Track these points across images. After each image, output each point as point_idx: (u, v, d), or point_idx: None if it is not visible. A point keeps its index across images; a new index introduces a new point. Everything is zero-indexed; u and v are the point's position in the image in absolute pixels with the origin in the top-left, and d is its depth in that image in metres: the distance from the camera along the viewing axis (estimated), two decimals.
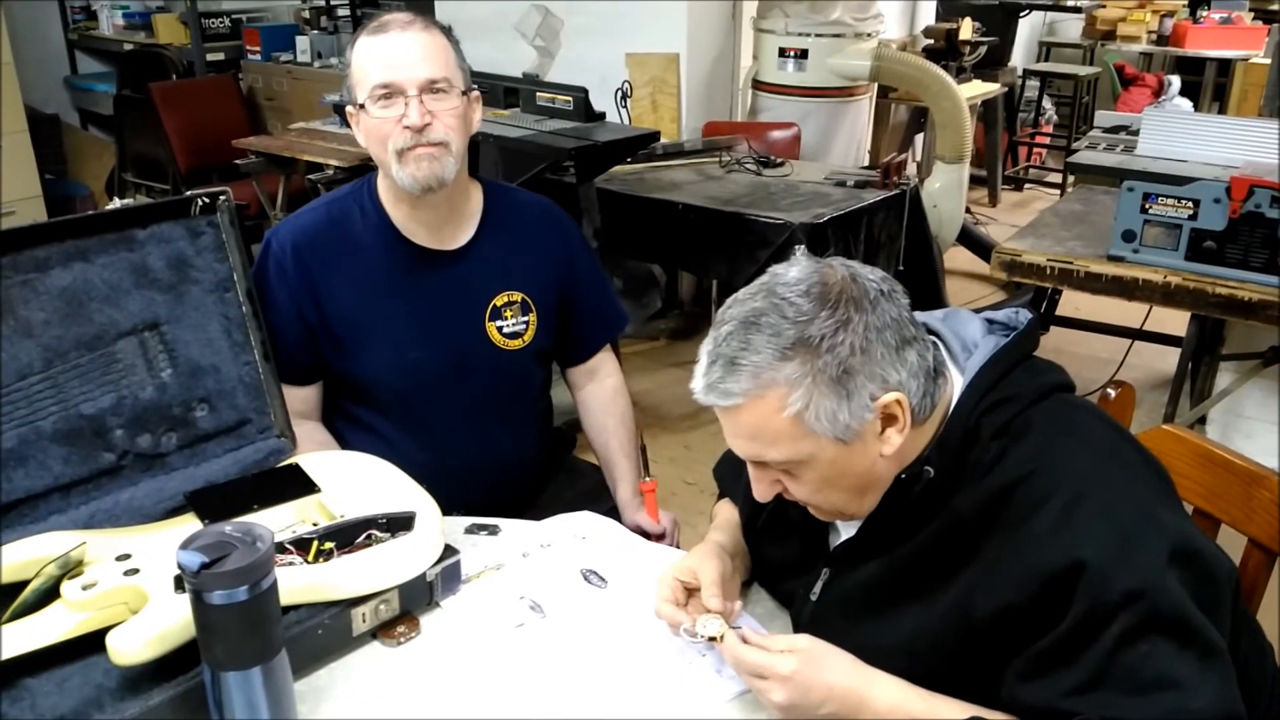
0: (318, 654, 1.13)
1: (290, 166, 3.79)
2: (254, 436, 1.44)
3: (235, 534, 0.94)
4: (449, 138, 1.48)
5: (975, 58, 5.13)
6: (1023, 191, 6.34)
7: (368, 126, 1.49)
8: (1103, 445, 0.99)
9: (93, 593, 1.08)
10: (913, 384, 0.97)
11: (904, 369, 0.97)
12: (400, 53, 1.46)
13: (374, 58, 1.47)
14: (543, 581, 1.28)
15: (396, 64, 1.45)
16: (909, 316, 0.99)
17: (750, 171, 3.44)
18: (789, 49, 4.20)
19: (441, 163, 1.48)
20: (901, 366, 0.96)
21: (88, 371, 1.30)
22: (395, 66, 1.45)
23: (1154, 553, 0.90)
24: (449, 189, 1.52)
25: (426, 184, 1.48)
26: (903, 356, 0.97)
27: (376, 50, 1.47)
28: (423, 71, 1.46)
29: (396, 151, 1.47)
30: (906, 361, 0.97)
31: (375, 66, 1.46)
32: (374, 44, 1.47)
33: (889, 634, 1.03)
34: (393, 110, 1.46)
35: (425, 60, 1.46)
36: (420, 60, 1.46)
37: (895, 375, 0.96)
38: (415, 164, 1.47)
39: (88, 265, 1.30)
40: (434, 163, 1.48)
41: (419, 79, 1.45)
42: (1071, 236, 2.64)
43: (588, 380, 1.76)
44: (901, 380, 0.96)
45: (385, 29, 1.47)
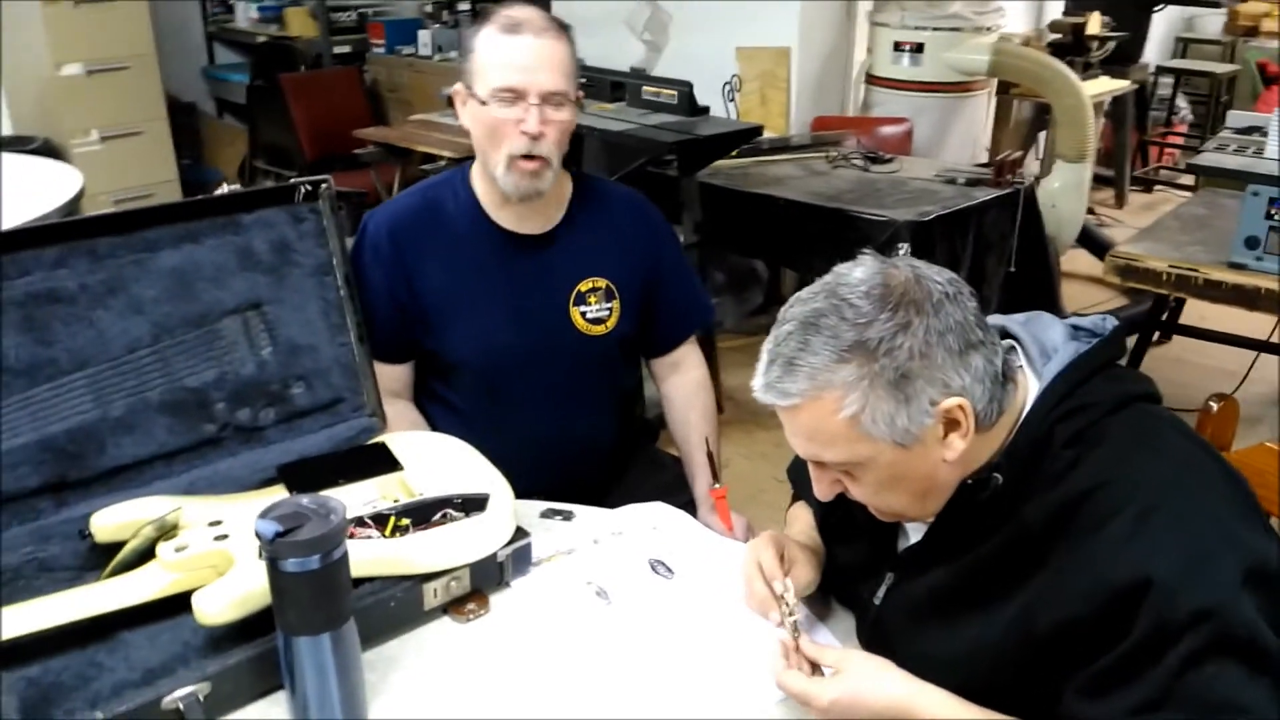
0: (389, 625, 1.17)
1: (406, 157, 3.91)
2: (347, 414, 1.50)
3: (311, 506, 0.99)
4: (553, 153, 1.53)
5: (1103, 53, 4.93)
6: (1152, 193, 6.07)
7: (480, 117, 1.53)
8: (1179, 458, 0.95)
9: (185, 555, 1.15)
10: (977, 389, 0.95)
11: (968, 373, 0.95)
12: (530, 58, 1.48)
13: (504, 57, 1.49)
14: (611, 569, 1.30)
15: (525, 68, 1.48)
16: (976, 320, 0.97)
17: (857, 167, 3.39)
18: (904, 43, 4.12)
19: (542, 177, 1.53)
20: (965, 371, 0.95)
21: (193, 347, 1.37)
22: (524, 70, 1.48)
23: (1227, 572, 0.87)
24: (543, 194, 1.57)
25: (526, 195, 1.55)
26: (966, 361, 0.95)
27: (508, 50, 1.49)
28: (548, 82, 1.48)
29: (509, 156, 1.51)
30: (971, 366, 0.95)
31: (504, 66, 1.48)
32: (508, 43, 1.49)
33: (950, 643, 1.02)
34: (512, 112, 1.49)
35: (552, 70, 1.49)
36: (548, 69, 1.49)
37: (958, 380, 0.94)
38: (519, 176, 1.52)
39: (196, 247, 1.38)
40: (535, 178, 1.53)
41: (544, 88, 1.48)
42: (1192, 242, 2.54)
43: (671, 372, 1.78)
44: (965, 385, 0.95)
45: (520, 30, 1.49)
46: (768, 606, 1.16)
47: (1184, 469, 0.94)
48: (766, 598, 1.16)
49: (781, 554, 1.19)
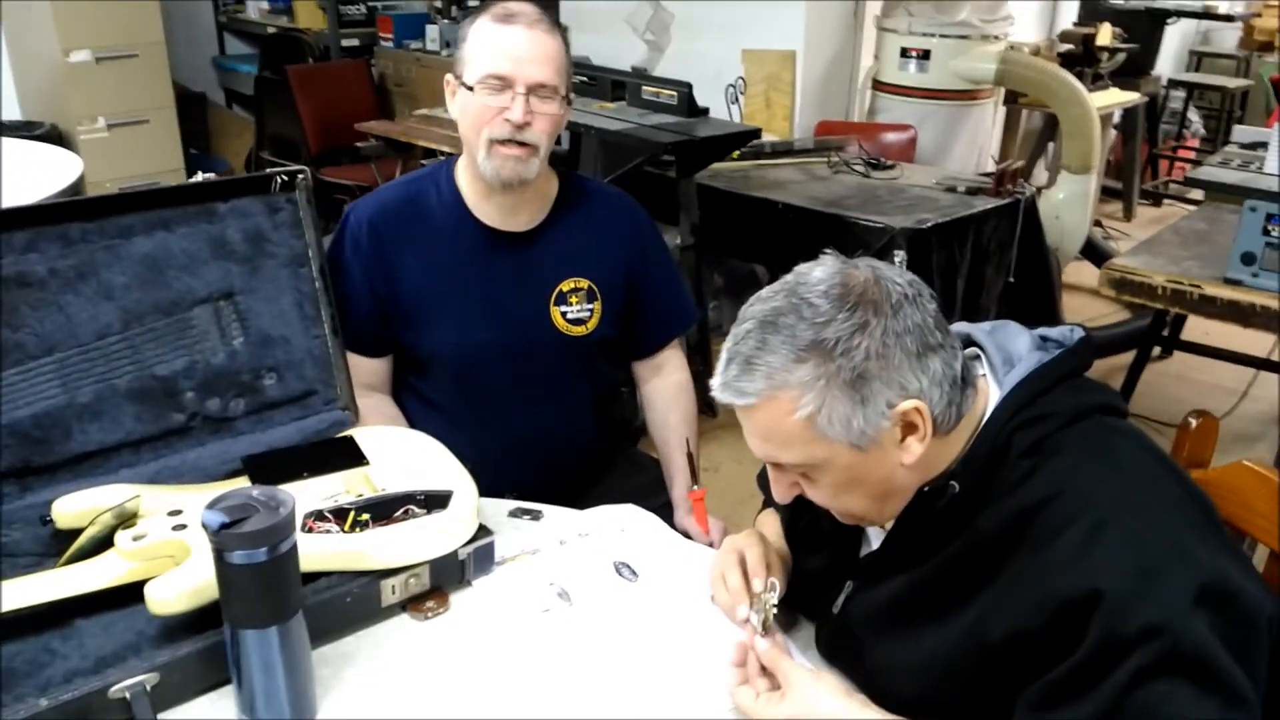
0: (345, 621, 1.16)
1: (408, 151, 3.91)
2: (319, 407, 1.49)
3: (260, 497, 0.98)
4: (540, 141, 1.52)
5: (1113, 65, 4.91)
6: (1161, 207, 6.03)
7: (467, 105, 1.52)
8: (1136, 472, 0.94)
9: (142, 543, 1.14)
10: (935, 392, 0.94)
11: (925, 376, 0.94)
12: (521, 48, 1.48)
13: (495, 45, 1.49)
14: (575, 570, 1.29)
15: (515, 57, 1.48)
16: (935, 322, 0.96)
17: (858, 173, 3.37)
18: (911, 49, 4.11)
19: (527, 164, 1.52)
20: (923, 374, 0.93)
21: (163, 335, 1.37)
22: (513, 59, 1.48)
23: (1179, 588, 0.85)
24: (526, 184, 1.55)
25: (508, 181, 1.53)
26: (924, 364, 0.94)
27: (500, 39, 1.49)
28: (537, 73, 1.48)
29: (489, 140, 1.50)
30: (929, 369, 0.94)
31: (494, 54, 1.49)
32: (498, 32, 1.49)
33: (905, 653, 1.01)
34: (498, 100, 1.49)
35: (541, 62, 1.49)
36: (537, 60, 1.48)
37: (915, 383, 0.93)
38: (502, 161, 1.51)
39: (169, 234, 1.37)
40: (519, 164, 1.51)
41: (531, 79, 1.48)
42: (1189, 256, 2.51)
43: (653, 375, 1.77)
44: (922, 388, 0.93)
45: (513, 20, 1.49)
46: (738, 600, 1.14)
47: (1140, 483, 0.93)
48: (739, 591, 1.14)
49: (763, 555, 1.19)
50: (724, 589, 1.18)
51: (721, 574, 1.20)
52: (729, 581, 1.18)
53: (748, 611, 1.10)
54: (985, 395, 1.01)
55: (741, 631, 1.11)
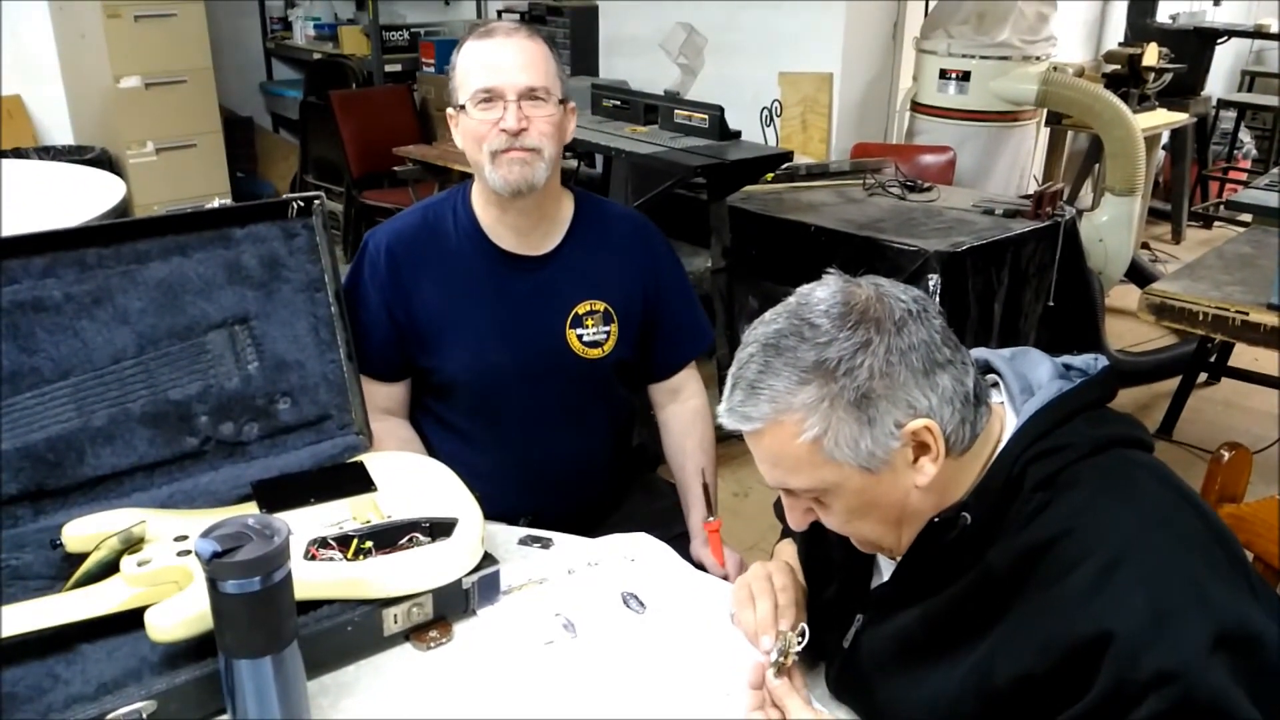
0: (346, 650, 1.15)
1: (445, 175, 3.94)
2: (333, 432, 1.49)
3: (254, 525, 0.97)
4: (542, 144, 1.51)
5: (1160, 85, 4.81)
6: (1211, 230, 5.90)
7: (466, 127, 1.53)
8: (1154, 509, 0.90)
9: (147, 569, 1.14)
10: (946, 410, 0.91)
11: (934, 394, 0.91)
12: (503, 58, 1.49)
13: (478, 61, 1.50)
14: (581, 601, 1.27)
15: (499, 68, 1.49)
16: (943, 338, 0.93)
17: (894, 195, 3.33)
18: (951, 71, 4.05)
19: (533, 168, 1.51)
20: (931, 391, 0.91)
21: (178, 359, 1.38)
22: (498, 71, 1.49)
23: (1195, 632, 0.81)
24: (539, 195, 1.55)
25: (516, 187, 1.51)
26: (933, 381, 0.91)
27: (481, 54, 1.51)
28: (523, 78, 1.49)
29: (491, 153, 1.50)
30: (938, 386, 0.91)
31: (478, 70, 1.50)
32: (479, 48, 1.51)
33: (911, 692, 0.97)
34: (491, 113, 1.49)
35: (526, 68, 1.50)
36: (522, 67, 1.49)
37: (924, 401, 0.90)
38: (507, 167, 1.50)
39: (185, 259, 1.38)
40: (525, 167, 1.51)
41: (519, 85, 1.49)
42: (1232, 281, 2.44)
43: (670, 400, 1.75)
44: (932, 406, 0.91)
45: (491, 34, 1.51)
46: (764, 630, 1.12)
47: (1157, 520, 0.89)
48: (767, 621, 1.12)
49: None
50: (751, 612, 1.15)
51: (750, 596, 1.17)
52: (759, 609, 1.14)
53: (771, 644, 1.07)
54: (1001, 423, 0.98)
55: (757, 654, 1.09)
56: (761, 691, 1.04)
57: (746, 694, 1.06)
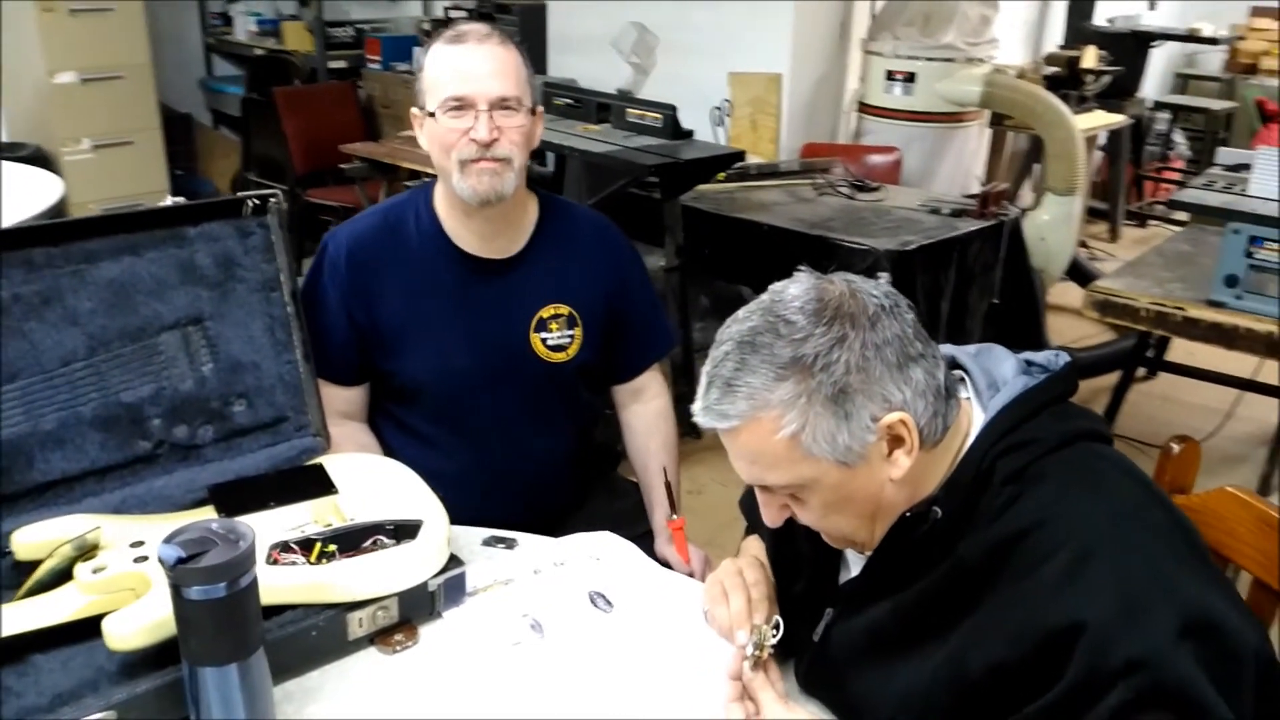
0: (310, 655, 1.13)
1: (392, 173, 3.89)
2: (290, 434, 1.47)
3: (219, 530, 0.95)
4: (512, 154, 1.49)
5: (1098, 87, 4.93)
6: (1146, 228, 6.05)
7: (434, 133, 1.50)
8: (1121, 501, 0.92)
9: (102, 576, 1.11)
10: (919, 403, 0.93)
11: (908, 388, 0.92)
12: (475, 65, 1.47)
13: (449, 68, 1.48)
14: (548, 600, 1.26)
15: (471, 76, 1.46)
16: (915, 333, 0.94)
17: (843, 195, 3.37)
18: (896, 72, 4.12)
19: (502, 178, 1.50)
20: (905, 385, 0.92)
21: (129, 361, 1.34)
22: (470, 79, 1.46)
23: (1163, 621, 0.83)
24: (506, 202, 1.53)
25: (485, 198, 1.50)
26: (906, 374, 0.92)
27: (452, 60, 1.48)
28: (495, 88, 1.46)
29: (460, 161, 1.48)
30: (911, 380, 0.92)
31: (450, 77, 1.47)
32: (451, 54, 1.48)
33: (883, 685, 0.98)
34: (462, 121, 1.47)
35: (499, 76, 1.47)
36: (494, 75, 1.47)
37: (899, 394, 0.92)
38: (477, 177, 1.49)
39: (136, 259, 1.35)
40: (495, 178, 1.49)
41: (491, 94, 1.46)
42: (1173, 278, 2.51)
43: (632, 400, 1.75)
44: (906, 399, 0.92)
45: (463, 39, 1.48)
46: (739, 624, 1.12)
47: (1124, 512, 0.91)
48: (741, 615, 1.12)
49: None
50: (724, 608, 1.16)
51: (723, 592, 1.17)
52: (732, 603, 1.15)
53: (747, 639, 1.08)
54: (969, 418, 0.99)
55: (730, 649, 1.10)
56: (738, 682, 1.05)
57: (724, 684, 1.06)
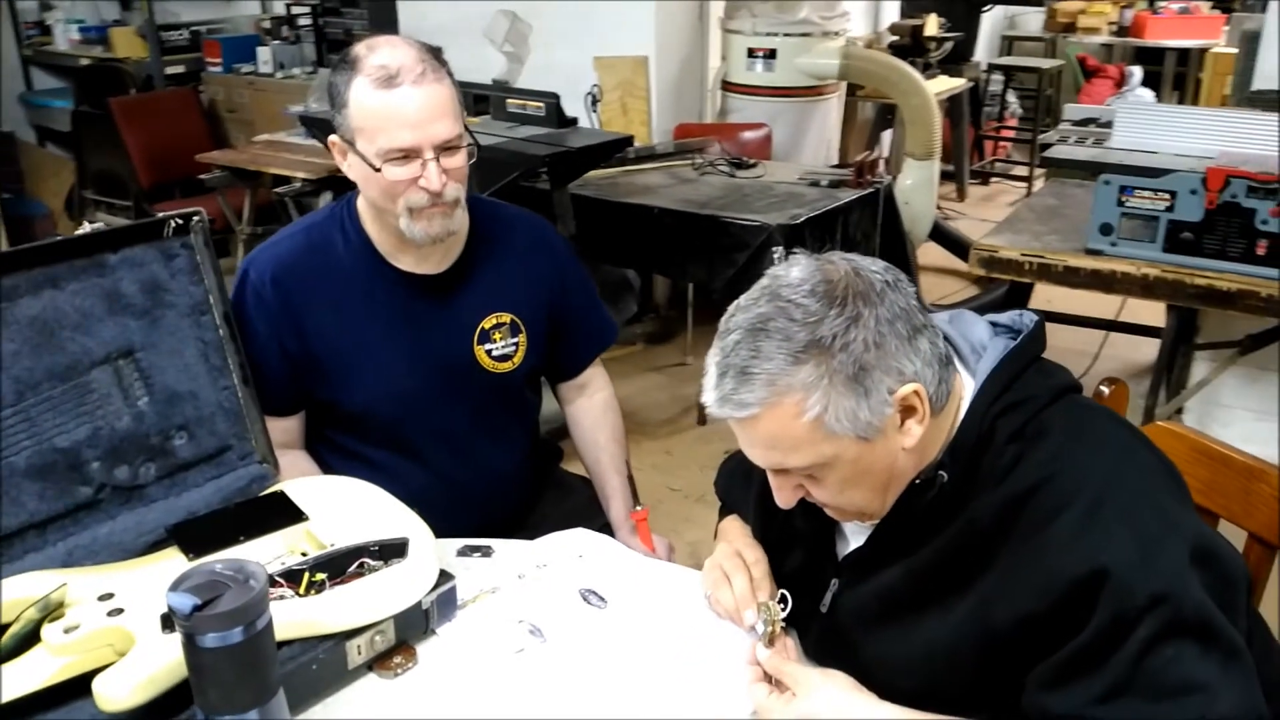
0: (313, 689, 1.09)
1: (256, 180, 3.73)
2: (235, 464, 1.40)
3: (227, 572, 0.90)
4: (460, 193, 1.44)
5: (941, 54, 5.15)
6: (989, 185, 6.37)
7: (373, 179, 1.41)
8: (1118, 449, 0.97)
9: (76, 635, 1.04)
10: (928, 373, 0.95)
11: (918, 358, 0.95)
12: (417, 112, 1.36)
13: (387, 116, 1.36)
14: (541, 604, 1.25)
15: (413, 124, 1.36)
16: (917, 304, 0.97)
17: (724, 173, 3.42)
18: (757, 49, 4.19)
19: (452, 217, 1.45)
20: (915, 356, 0.94)
21: (61, 403, 1.25)
22: (413, 127, 1.36)
23: (1176, 556, 0.89)
24: None
25: (439, 238, 1.45)
26: (916, 346, 0.95)
27: (391, 107, 1.36)
28: (441, 131, 1.38)
29: (408, 209, 1.41)
30: (920, 351, 0.95)
31: (391, 127, 1.36)
32: (387, 99, 1.36)
33: (904, 645, 1.01)
34: (408, 170, 1.38)
35: (441, 118, 1.38)
36: (437, 119, 1.37)
37: (911, 366, 0.94)
38: (428, 221, 1.42)
39: (58, 292, 1.25)
40: (446, 219, 1.44)
41: (436, 139, 1.37)
42: (1048, 231, 2.64)
43: (577, 395, 1.73)
44: (917, 370, 0.94)
45: (396, 82, 1.35)
46: (745, 605, 1.13)
47: (1124, 459, 0.96)
48: (746, 596, 1.14)
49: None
50: (728, 591, 1.17)
51: (724, 576, 1.18)
52: (736, 585, 1.16)
53: (755, 618, 1.09)
54: (961, 383, 1.02)
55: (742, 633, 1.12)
56: (758, 666, 1.06)
57: (745, 669, 1.07)
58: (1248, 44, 3.01)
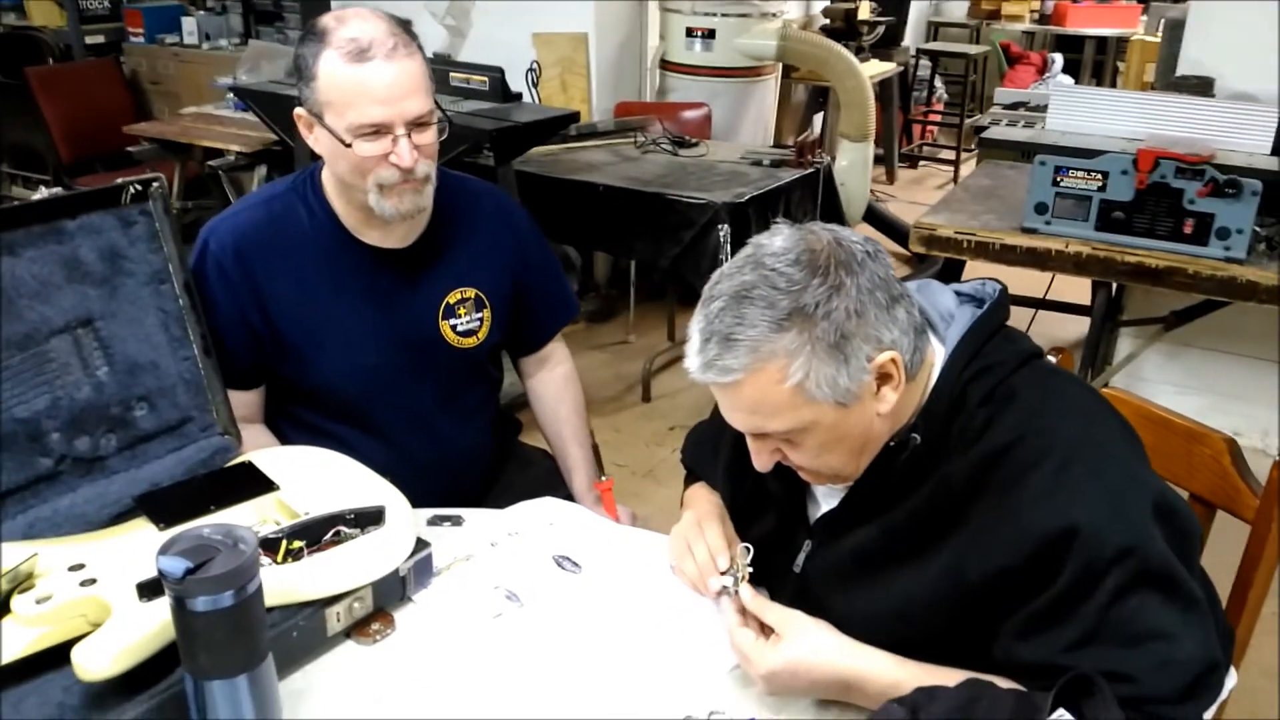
0: (293, 657, 1.09)
1: (186, 153, 3.64)
2: (196, 435, 1.38)
3: (216, 536, 0.90)
4: (430, 170, 1.43)
5: (873, 37, 5.23)
6: (918, 169, 6.51)
7: (343, 154, 1.39)
8: (1085, 410, 1.02)
9: (49, 606, 1.02)
10: (904, 341, 0.99)
11: (896, 327, 0.98)
12: (389, 87, 1.35)
13: (357, 90, 1.35)
14: (516, 570, 1.26)
15: (385, 100, 1.35)
16: (894, 274, 1.00)
17: (667, 151, 3.44)
18: (696, 29, 4.21)
19: (423, 194, 1.44)
20: (894, 325, 0.98)
21: (20, 373, 1.22)
22: (385, 103, 1.35)
23: (1139, 510, 0.94)
24: None
25: (409, 215, 1.45)
26: (894, 315, 0.98)
27: (363, 82, 1.35)
28: (412, 107, 1.37)
29: (379, 185, 1.40)
30: (897, 319, 0.98)
31: (363, 102, 1.35)
32: (359, 74, 1.34)
33: (879, 601, 1.05)
34: (378, 145, 1.37)
35: (413, 95, 1.37)
36: (408, 95, 1.37)
37: (889, 334, 0.97)
38: (399, 198, 1.41)
39: (15, 260, 1.22)
40: (417, 196, 1.43)
41: (408, 115, 1.37)
42: (984, 210, 2.72)
43: (539, 368, 1.74)
44: (895, 338, 0.98)
45: (368, 55, 1.34)
46: (708, 573, 1.16)
47: (1090, 420, 1.01)
48: (708, 564, 1.17)
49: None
50: (692, 561, 1.19)
51: (687, 546, 1.21)
52: (697, 554, 1.19)
53: (719, 582, 1.12)
54: (931, 350, 1.06)
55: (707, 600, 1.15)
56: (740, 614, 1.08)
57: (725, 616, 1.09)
58: (1171, 31, 3.12)
